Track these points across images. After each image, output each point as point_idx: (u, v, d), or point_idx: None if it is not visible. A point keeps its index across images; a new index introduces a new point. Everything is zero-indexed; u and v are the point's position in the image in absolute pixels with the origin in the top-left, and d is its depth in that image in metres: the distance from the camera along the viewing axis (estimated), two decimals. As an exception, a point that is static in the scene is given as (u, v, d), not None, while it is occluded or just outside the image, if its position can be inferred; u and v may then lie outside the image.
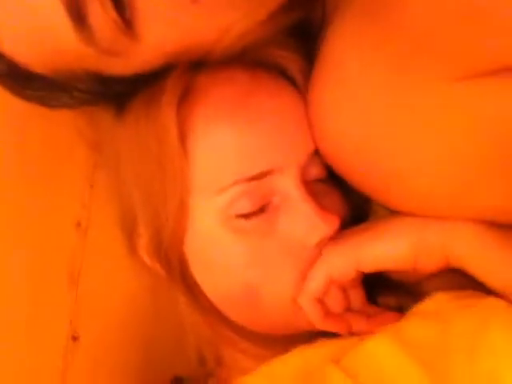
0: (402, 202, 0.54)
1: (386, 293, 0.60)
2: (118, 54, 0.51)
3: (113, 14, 0.48)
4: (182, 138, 0.54)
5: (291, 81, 0.58)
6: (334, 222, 0.55)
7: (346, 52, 0.52)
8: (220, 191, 0.54)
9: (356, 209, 0.60)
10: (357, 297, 0.58)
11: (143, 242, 0.58)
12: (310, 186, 0.56)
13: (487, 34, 0.45)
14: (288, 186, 0.55)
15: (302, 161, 0.56)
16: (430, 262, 0.54)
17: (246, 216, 0.55)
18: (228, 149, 0.54)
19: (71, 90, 0.56)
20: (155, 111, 0.55)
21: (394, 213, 0.56)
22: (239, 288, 0.56)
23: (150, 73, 0.55)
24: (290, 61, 0.58)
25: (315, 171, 0.57)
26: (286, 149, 0.55)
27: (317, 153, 0.56)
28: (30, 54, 0.52)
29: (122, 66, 0.54)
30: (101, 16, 0.48)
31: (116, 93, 0.57)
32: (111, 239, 0.64)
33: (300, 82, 0.58)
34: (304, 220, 0.55)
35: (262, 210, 0.55)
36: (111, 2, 0.48)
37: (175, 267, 0.57)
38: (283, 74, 0.59)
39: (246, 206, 0.54)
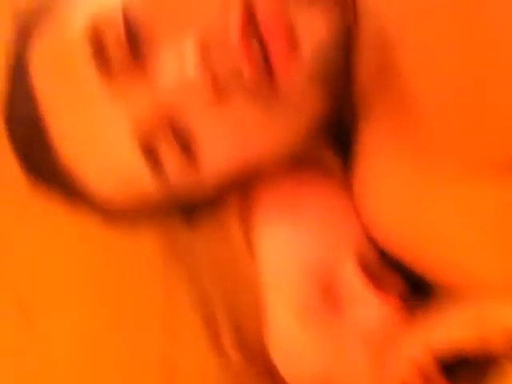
0: (454, 282, 0.58)
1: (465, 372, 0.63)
2: (187, 184, 0.58)
3: (178, 152, 0.55)
4: (249, 244, 0.60)
5: (331, 173, 0.64)
6: (395, 303, 0.59)
7: (376, 150, 0.57)
8: (289, 287, 0.60)
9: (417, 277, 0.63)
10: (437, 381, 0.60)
11: (228, 339, 0.63)
12: (369, 268, 0.60)
13: (495, 130, 0.50)
14: (350, 276, 0.59)
15: (357, 247, 0.60)
16: (499, 339, 0.56)
17: (316, 308, 0.59)
18: (289, 247, 0.60)
19: (148, 214, 0.63)
20: (223, 224, 0.62)
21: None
22: (317, 377, 0.61)
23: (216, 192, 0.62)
24: (329, 156, 0.65)
25: (371, 252, 0.61)
26: (341, 239, 0.60)
27: (369, 236, 0.61)
28: (112, 190, 0.59)
29: (192, 192, 0.61)
30: (169, 156, 0.55)
31: (190, 211, 0.64)
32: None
33: (340, 175, 0.63)
34: (367, 305, 0.59)
35: (329, 300, 0.59)
36: (177, 144, 0.55)
37: (258, 358, 0.62)
38: (323, 168, 0.64)
39: (314, 298, 0.59)
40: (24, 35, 0.57)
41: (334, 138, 0.65)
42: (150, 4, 0.54)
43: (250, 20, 0.52)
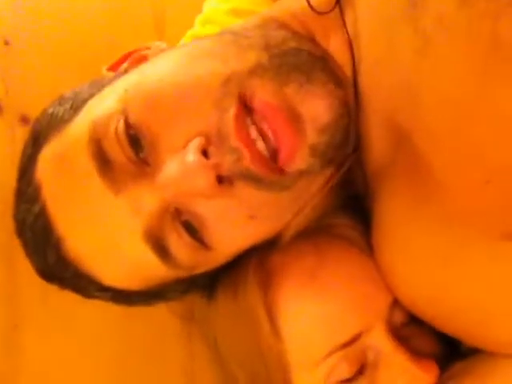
0: (485, 344, 0.58)
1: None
2: (197, 265, 0.59)
3: (188, 239, 0.56)
4: (271, 318, 0.60)
5: (351, 241, 0.64)
6: (432, 369, 0.58)
7: (396, 217, 0.57)
8: (318, 363, 0.59)
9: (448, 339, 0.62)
10: None
11: None
12: (399, 333, 0.60)
13: None
14: (379, 342, 0.59)
15: (385, 314, 0.60)
16: None
17: (347, 381, 0.59)
18: (313, 321, 0.59)
19: (164, 294, 0.64)
20: (242, 296, 0.61)
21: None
22: None
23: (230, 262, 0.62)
24: (346, 225, 0.64)
25: (400, 316, 0.61)
26: (367, 308, 0.59)
27: (396, 300, 0.60)
28: (129, 284, 0.60)
29: (203, 270, 0.61)
30: (179, 245, 0.56)
31: (203, 283, 0.64)
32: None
33: (360, 243, 0.63)
34: (402, 373, 0.58)
35: (360, 371, 0.59)
36: (185, 231, 0.55)
37: None
38: (341, 236, 0.64)
39: (345, 371, 0.58)
40: (36, 141, 0.59)
41: (352, 206, 0.65)
42: (147, 110, 0.54)
43: (247, 112, 0.53)
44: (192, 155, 0.52)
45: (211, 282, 0.65)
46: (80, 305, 0.65)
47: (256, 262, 0.62)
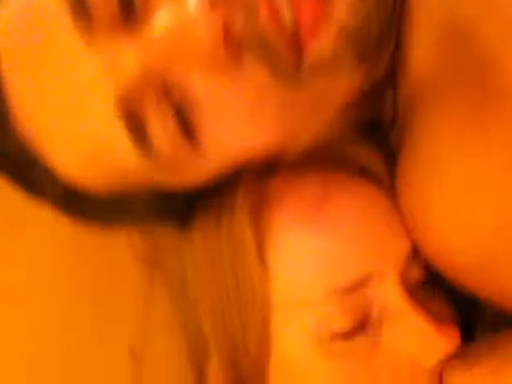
0: None
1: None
2: (179, 167, 0.46)
3: (172, 125, 0.44)
4: (260, 249, 0.48)
5: (369, 176, 0.53)
6: (454, 336, 0.47)
7: (442, 143, 0.46)
8: (309, 308, 0.47)
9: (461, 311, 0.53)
10: None
11: (216, 374, 0.51)
12: (413, 293, 0.49)
13: None
14: (389, 296, 0.48)
15: (400, 264, 0.49)
16: None
17: (343, 335, 0.47)
18: (310, 256, 0.48)
19: (132, 210, 0.51)
20: (227, 223, 0.49)
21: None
22: None
23: (215, 184, 0.50)
24: (366, 156, 0.53)
25: (415, 274, 0.50)
26: (378, 252, 0.48)
27: (415, 253, 0.50)
28: (87, 175, 0.48)
29: (185, 179, 0.49)
30: (160, 128, 0.44)
31: (180, 208, 0.52)
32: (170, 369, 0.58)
33: (381, 177, 0.52)
34: (417, 336, 0.47)
35: (360, 326, 0.48)
36: (172, 114, 0.44)
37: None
38: (357, 168, 0.53)
39: (342, 323, 0.47)
40: None
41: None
42: None
43: None
44: (195, 2, 0.40)
45: (186, 212, 0.53)
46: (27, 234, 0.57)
47: (249, 184, 0.50)
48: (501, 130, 0.43)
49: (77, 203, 0.50)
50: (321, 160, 0.52)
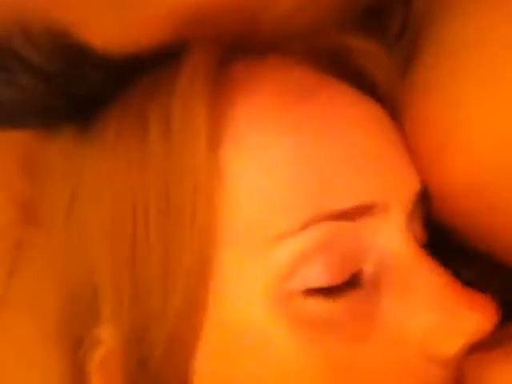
0: None
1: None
2: None
3: None
4: (213, 138, 0.32)
5: (369, 88, 0.38)
6: (491, 311, 0.32)
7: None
8: (278, 244, 0.31)
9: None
10: None
11: (105, 347, 0.33)
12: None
13: None
14: (395, 241, 0.33)
15: (409, 202, 0.34)
16: None
17: (324, 292, 0.31)
18: (292, 166, 0.32)
19: (14, 68, 0.33)
20: (165, 101, 0.33)
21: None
22: None
23: (144, 59, 0.34)
24: (367, 54, 0.38)
25: (416, 231, 0.35)
26: (383, 178, 0.33)
27: (422, 199, 0.35)
28: None
29: (107, 31, 0.33)
30: None
31: (87, 91, 0.35)
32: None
33: (383, 84, 0.38)
34: (434, 306, 0.32)
35: (350, 283, 0.32)
36: None
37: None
38: (353, 70, 0.38)
39: (323, 272, 0.31)
40: None
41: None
42: None
43: None
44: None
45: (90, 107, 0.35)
46: None
47: (201, 55, 0.34)
48: None
49: None
50: (311, 50, 0.37)
